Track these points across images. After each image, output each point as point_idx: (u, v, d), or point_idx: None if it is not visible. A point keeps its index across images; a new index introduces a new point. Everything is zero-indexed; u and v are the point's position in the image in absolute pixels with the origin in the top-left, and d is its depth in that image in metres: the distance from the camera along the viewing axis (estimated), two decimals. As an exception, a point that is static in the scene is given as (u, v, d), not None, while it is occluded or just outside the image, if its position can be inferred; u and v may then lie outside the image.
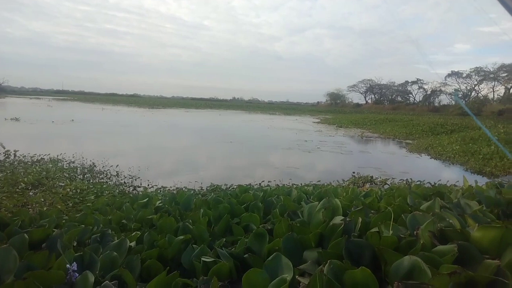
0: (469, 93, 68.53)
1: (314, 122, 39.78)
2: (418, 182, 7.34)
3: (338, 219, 2.24)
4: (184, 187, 7.74)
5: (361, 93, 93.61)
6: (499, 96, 61.88)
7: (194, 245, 2.30)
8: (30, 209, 4.60)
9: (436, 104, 69.17)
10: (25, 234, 2.29)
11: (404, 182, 8.73)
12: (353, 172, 10.70)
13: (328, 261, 1.61)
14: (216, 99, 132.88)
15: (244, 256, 2.09)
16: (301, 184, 7.88)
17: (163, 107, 62.76)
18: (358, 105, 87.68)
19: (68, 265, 1.84)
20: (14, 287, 1.60)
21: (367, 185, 8.53)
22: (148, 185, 8.27)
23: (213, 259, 2.02)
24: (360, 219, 2.15)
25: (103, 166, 10.02)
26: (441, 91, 72.33)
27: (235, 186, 6.68)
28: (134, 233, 2.73)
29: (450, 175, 11.22)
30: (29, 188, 6.63)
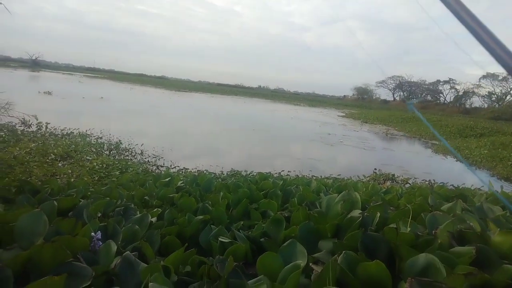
0: (504, 97, 65.56)
1: (339, 116, 39.24)
2: (441, 184, 7.17)
3: (356, 213, 2.25)
4: (205, 170, 7.86)
5: (390, 90, 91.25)
6: (536, 102, 58.95)
7: (212, 226, 2.36)
8: (58, 179, 4.81)
9: (468, 106, 66.64)
10: (54, 201, 2.41)
11: (427, 182, 8.54)
12: (375, 169, 10.55)
13: (343, 251, 1.63)
14: (242, 86, 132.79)
15: (261, 239, 2.14)
16: (321, 176, 7.85)
17: (189, 91, 63.36)
18: (385, 101, 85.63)
19: (93, 233, 1.94)
20: (43, 249, 1.70)
21: (388, 183, 8.40)
22: (171, 166, 8.45)
23: (230, 240, 2.08)
24: (378, 214, 2.15)
25: (129, 144, 10.29)
26: (473, 92, 69.57)
27: (255, 173, 6.74)
28: (156, 209, 2.82)
29: (476, 179, 10.89)
30: (58, 159, 6.90)
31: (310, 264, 1.78)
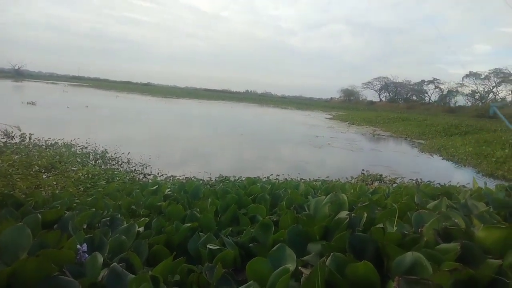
0: (487, 95, 67.13)
1: (326, 118, 39.55)
2: (428, 182, 7.28)
3: (343, 214, 2.26)
4: (193, 177, 7.82)
5: (376, 91, 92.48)
6: (517, 99, 60.44)
7: (200, 233, 2.35)
8: (43, 192, 4.72)
9: (452, 105, 67.93)
10: (38, 214, 2.36)
11: (414, 181, 8.66)
12: (363, 170, 10.65)
13: (332, 253, 1.63)
14: (229, 91, 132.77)
15: (249, 245, 2.13)
16: (310, 179, 7.89)
17: (176, 97, 63.08)
18: (371, 102, 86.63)
19: (78, 246, 1.90)
20: (27, 263, 1.66)
21: (376, 183, 8.49)
22: (158, 174, 8.38)
23: (218, 247, 2.06)
24: (365, 215, 2.16)
25: (115, 153, 10.17)
26: (457, 91, 71.06)
27: (243, 178, 6.73)
28: (143, 218, 2.79)
29: (461, 177, 11.08)
30: (43, 171, 6.78)
31: (299, 267, 1.78)
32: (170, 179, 7.61)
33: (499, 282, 1.32)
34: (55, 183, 5.77)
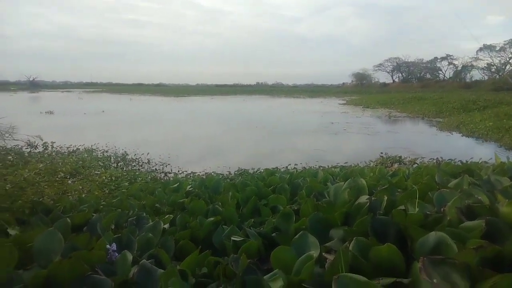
0: (504, 67, 64.83)
1: (340, 104, 39.13)
2: (449, 161, 7.15)
3: (363, 198, 2.26)
4: (212, 172, 7.91)
5: (388, 72, 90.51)
6: (536, 68, 58.22)
7: (224, 226, 2.40)
8: (70, 197, 4.88)
9: (468, 80, 65.94)
10: (67, 219, 2.46)
11: (434, 161, 8.52)
12: (381, 153, 10.53)
13: (354, 238, 1.65)
14: (240, 84, 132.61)
15: (272, 235, 2.16)
16: (328, 166, 7.87)
17: (188, 95, 63.46)
18: (385, 84, 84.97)
19: (108, 246, 1.98)
20: (61, 265, 1.74)
21: (396, 165, 8.39)
22: (178, 171, 8.52)
23: (242, 238, 2.10)
24: (385, 198, 2.16)
25: (135, 154, 10.37)
26: (472, 66, 68.90)
27: (262, 170, 6.77)
28: (167, 216, 2.86)
29: (483, 152, 10.83)
30: (68, 177, 6.99)
31: (323, 253, 1.80)
32: (190, 176, 7.72)
33: (526, 255, 1.31)
34: (80, 187, 5.94)
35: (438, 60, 77.87)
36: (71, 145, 11.31)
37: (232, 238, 2.12)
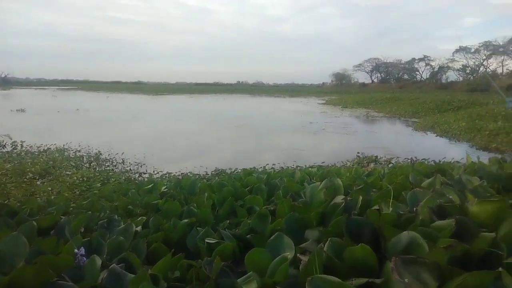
0: (478, 69, 67.30)
1: (319, 104, 39.56)
2: (423, 160, 7.33)
3: (339, 198, 2.27)
4: (189, 172, 7.81)
5: (367, 72, 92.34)
6: (508, 71, 60.76)
7: (198, 228, 2.34)
8: (38, 198, 4.71)
9: (444, 81, 68.15)
10: (33, 222, 2.35)
11: (409, 160, 8.72)
12: (358, 153, 10.70)
13: (329, 238, 1.64)
14: (221, 83, 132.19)
15: (247, 236, 2.13)
16: (306, 166, 7.91)
17: (168, 93, 62.68)
18: (364, 84, 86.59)
19: (76, 250, 1.90)
20: (25, 271, 1.66)
21: (372, 165, 8.54)
22: (154, 172, 8.37)
23: (216, 241, 2.06)
24: (360, 198, 2.17)
25: (109, 154, 10.13)
26: (448, 67, 71.16)
27: (239, 170, 6.73)
28: (140, 218, 2.78)
29: (456, 152, 11.18)
30: (37, 177, 6.74)
31: (298, 255, 1.78)
32: (166, 176, 7.61)
33: (494, 254, 1.33)
34: (50, 189, 5.75)
35: (416, 61, 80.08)
36: (42, 144, 10.95)
37: (206, 240, 2.07)
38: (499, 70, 62.48)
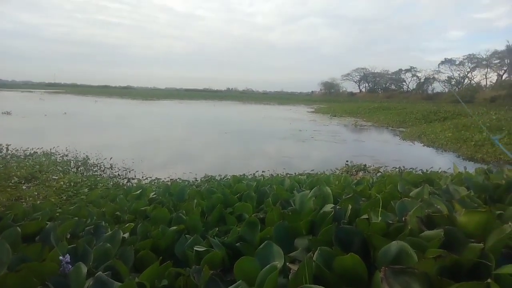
0: (462, 80, 68.93)
1: (308, 112, 39.80)
2: (410, 170, 7.41)
3: (328, 207, 2.27)
4: (178, 178, 7.75)
5: (355, 82, 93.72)
6: (491, 83, 62.31)
7: (187, 235, 2.32)
8: (23, 203, 4.60)
9: (430, 92, 69.51)
10: (17, 228, 2.29)
11: (397, 169, 8.81)
12: (347, 161, 10.77)
13: (318, 248, 1.64)
14: (210, 89, 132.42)
15: (236, 244, 2.12)
16: (295, 173, 7.92)
17: (157, 99, 62.36)
18: (352, 94, 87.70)
19: (61, 257, 1.85)
20: (7, 279, 1.61)
21: (360, 174, 8.60)
22: (142, 177, 8.27)
23: (205, 249, 2.04)
24: (350, 207, 2.18)
25: (97, 159, 9.98)
26: (434, 78, 72.70)
27: (229, 177, 6.70)
28: (128, 224, 2.74)
29: (442, 162, 11.34)
30: (22, 182, 6.60)
31: (287, 263, 1.78)
32: (154, 182, 7.52)
33: (482, 265, 1.34)
34: (36, 193, 5.63)
35: (403, 72, 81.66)
36: (28, 148, 10.73)
37: (195, 248, 2.05)
38: (483, 82, 64.08)
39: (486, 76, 64.96)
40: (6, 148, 10.44)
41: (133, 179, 8.18)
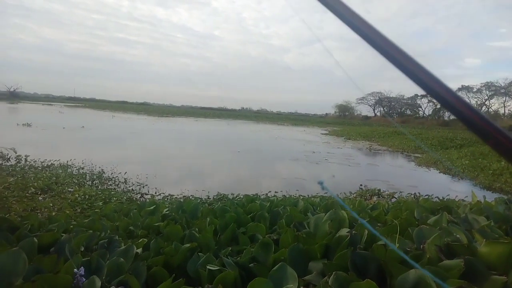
0: (480, 108, 67.96)
1: (322, 134, 39.68)
2: (426, 196, 7.26)
3: (344, 231, 2.24)
4: (191, 195, 7.76)
5: (370, 106, 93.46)
6: (510, 111, 61.34)
7: (200, 253, 2.31)
8: (39, 214, 4.67)
9: (446, 118, 68.64)
10: (34, 238, 2.32)
11: (412, 196, 8.64)
12: (361, 185, 10.62)
13: (334, 272, 1.61)
14: (225, 108, 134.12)
15: (250, 265, 2.09)
16: (308, 195, 7.85)
17: (172, 116, 63.25)
18: (366, 117, 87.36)
19: (75, 270, 1.86)
20: (23, 289, 1.62)
21: (374, 198, 8.46)
22: (156, 193, 8.31)
23: (218, 268, 2.03)
24: (366, 232, 2.14)
25: (112, 173, 10.10)
26: (451, 105, 71.81)
27: (241, 196, 6.68)
28: (141, 240, 2.75)
29: (459, 190, 11.08)
30: (39, 193, 6.71)
31: (301, 287, 1.75)
32: (167, 199, 7.55)
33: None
34: (51, 205, 5.70)
35: (419, 97, 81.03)
36: (45, 159, 10.95)
37: (208, 267, 2.03)
38: (501, 111, 63.13)
39: (504, 104, 64.12)
40: (25, 159, 10.67)
41: (146, 194, 8.22)
